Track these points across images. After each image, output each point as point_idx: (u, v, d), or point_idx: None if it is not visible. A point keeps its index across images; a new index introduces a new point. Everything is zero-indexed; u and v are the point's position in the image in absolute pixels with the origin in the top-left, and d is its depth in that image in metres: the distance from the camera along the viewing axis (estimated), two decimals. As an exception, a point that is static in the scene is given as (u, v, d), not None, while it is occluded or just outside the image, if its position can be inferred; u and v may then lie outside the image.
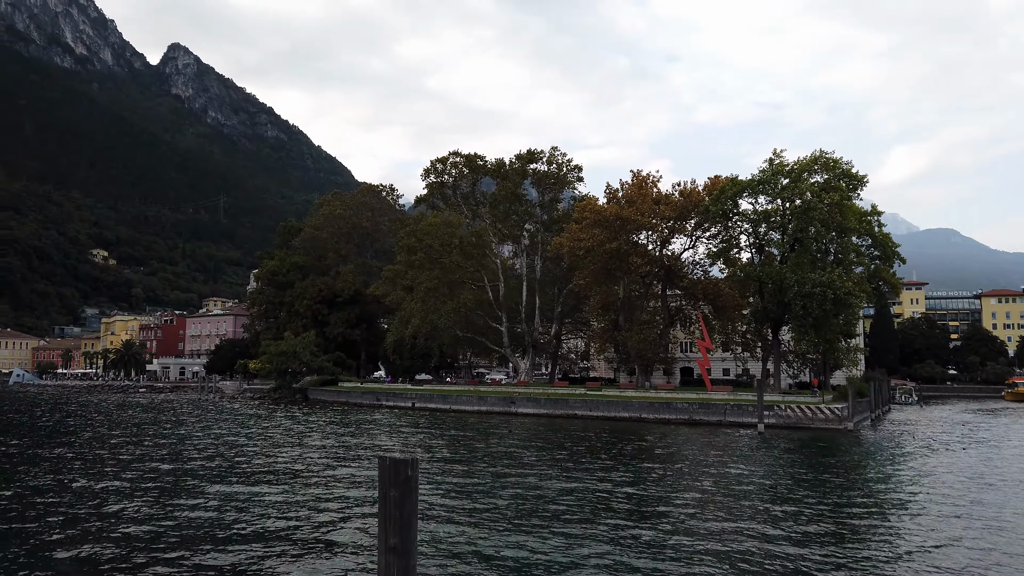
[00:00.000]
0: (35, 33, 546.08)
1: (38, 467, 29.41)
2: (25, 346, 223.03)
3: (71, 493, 23.13)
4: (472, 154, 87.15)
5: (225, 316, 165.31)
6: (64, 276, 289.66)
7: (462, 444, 38.41)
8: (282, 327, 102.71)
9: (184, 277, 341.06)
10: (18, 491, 23.54)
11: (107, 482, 25.38)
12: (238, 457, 32.57)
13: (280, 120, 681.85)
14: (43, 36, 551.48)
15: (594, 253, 65.69)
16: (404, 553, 4.64)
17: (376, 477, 15.12)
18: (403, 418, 57.27)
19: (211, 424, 51.82)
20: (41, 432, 46.51)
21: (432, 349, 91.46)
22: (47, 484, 25.01)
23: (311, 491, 23.36)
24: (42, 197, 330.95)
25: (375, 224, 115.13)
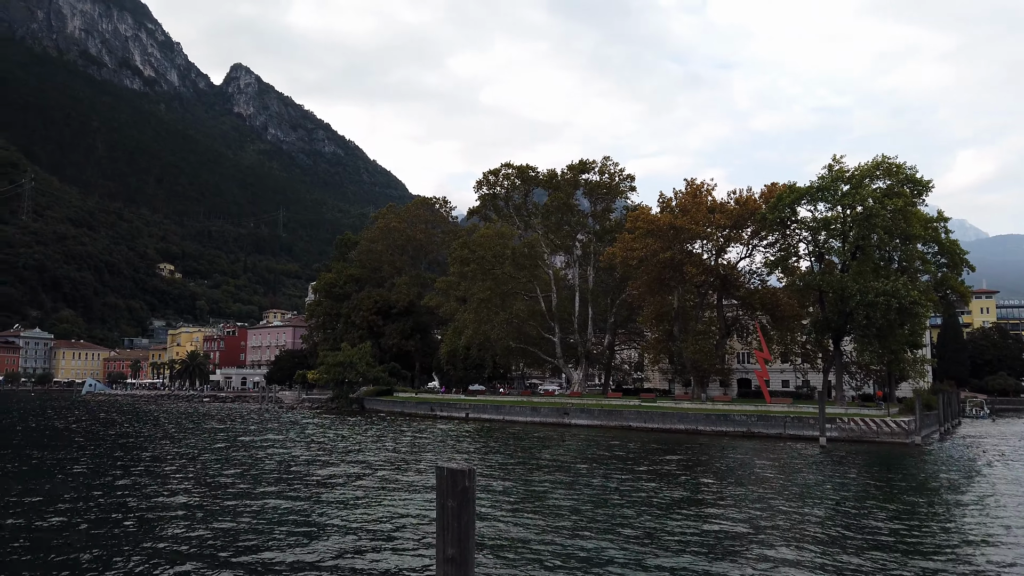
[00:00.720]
0: (107, 57, 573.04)
1: (114, 474, 30.65)
2: (97, 357, 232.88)
3: (144, 497, 24.05)
4: (524, 165, 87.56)
5: (284, 327, 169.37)
6: (133, 289, 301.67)
7: (517, 455, 38.41)
8: (339, 338, 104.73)
9: (245, 290, 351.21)
10: (97, 495, 24.59)
11: (176, 486, 26.28)
12: (297, 466, 33.29)
13: (337, 136, 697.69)
14: (114, 60, 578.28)
15: (647, 263, 65.09)
16: (462, 563, 4.66)
17: (433, 487, 15.24)
18: (457, 428, 57.61)
19: (272, 433, 53.11)
20: (117, 441, 48.43)
21: (485, 360, 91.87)
22: (122, 489, 26.05)
23: (369, 501, 23.67)
24: (113, 214, 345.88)
25: (429, 236, 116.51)
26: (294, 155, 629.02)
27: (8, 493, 24.81)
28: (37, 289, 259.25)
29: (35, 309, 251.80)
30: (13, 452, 39.71)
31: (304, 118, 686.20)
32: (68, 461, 35.23)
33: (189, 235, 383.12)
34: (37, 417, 75.50)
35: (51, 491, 25.47)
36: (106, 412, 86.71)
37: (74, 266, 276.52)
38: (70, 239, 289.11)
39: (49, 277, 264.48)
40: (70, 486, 26.77)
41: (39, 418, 73.68)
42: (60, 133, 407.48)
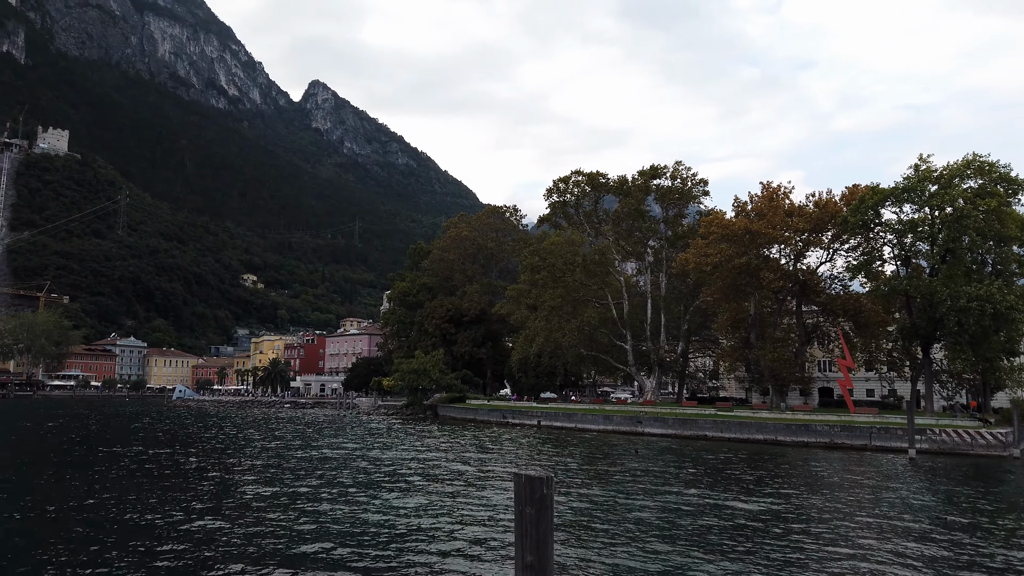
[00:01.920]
0: (194, 78, 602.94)
1: (205, 475, 32.14)
2: (186, 364, 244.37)
3: (234, 495, 25.14)
4: (594, 172, 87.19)
5: (360, 336, 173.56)
6: (219, 299, 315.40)
7: (590, 463, 38.21)
8: (413, 346, 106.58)
9: (323, 299, 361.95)
10: (191, 496, 25.86)
11: (261, 487, 27.35)
12: (377, 470, 34.05)
13: (409, 147, 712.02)
14: (201, 80, 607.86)
15: (722, 269, 63.72)
16: (541, 571, 4.69)
17: (510, 494, 15.20)
18: (529, 436, 57.71)
19: (351, 438, 54.52)
20: (208, 442, 50.74)
21: (556, 367, 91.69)
22: (214, 490, 27.31)
23: (447, 507, 23.95)
24: (201, 227, 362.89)
25: (499, 244, 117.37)
26: (369, 167, 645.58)
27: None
28: (131, 300, 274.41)
29: (130, 319, 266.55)
30: (143, 450, 42.15)
31: (378, 131, 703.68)
32: (181, 460, 37.15)
33: (271, 247, 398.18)
34: (148, 419, 79.84)
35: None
36: (199, 417, 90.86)
37: (165, 277, 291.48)
38: (161, 252, 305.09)
39: (143, 288, 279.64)
40: (187, 484, 28.23)
41: (152, 420, 77.89)
42: (152, 151, 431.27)
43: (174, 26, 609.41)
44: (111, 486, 28.32)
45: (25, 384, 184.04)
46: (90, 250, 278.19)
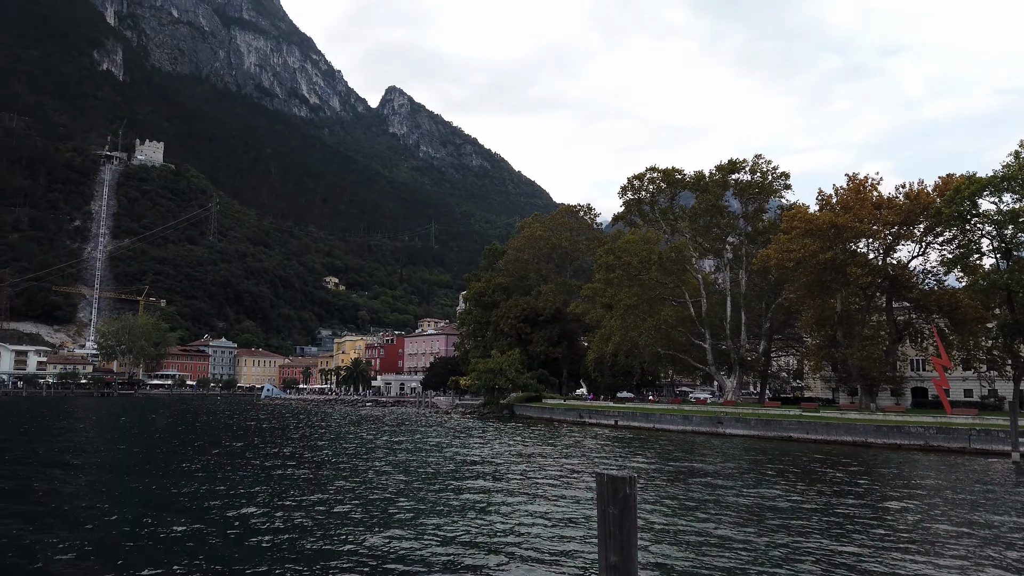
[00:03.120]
0: (278, 88, 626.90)
1: (292, 470, 33.50)
2: (273, 364, 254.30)
3: (325, 491, 26.13)
4: (670, 168, 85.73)
5: (438, 336, 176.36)
6: (303, 301, 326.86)
7: (671, 463, 37.69)
8: (489, 345, 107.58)
9: (402, 300, 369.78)
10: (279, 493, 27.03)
11: (346, 483, 28.31)
12: (460, 468, 34.63)
13: (483, 149, 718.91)
14: (284, 90, 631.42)
15: (806, 264, 61.58)
16: (624, 572, 4.69)
17: (590, 494, 15.31)
18: (607, 436, 57.37)
19: (435, 436, 55.58)
20: (299, 440, 52.80)
21: (633, 367, 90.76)
22: (300, 486, 28.45)
23: (528, 505, 24.07)
24: (285, 232, 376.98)
25: (574, 243, 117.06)
26: (444, 170, 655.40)
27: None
28: (222, 302, 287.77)
29: (221, 320, 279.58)
30: (245, 446, 44.42)
31: (453, 134, 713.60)
32: (299, 452, 38.91)
33: (351, 249, 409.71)
34: (251, 416, 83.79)
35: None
36: (293, 414, 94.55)
37: (253, 281, 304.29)
38: (249, 256, 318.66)
39: (232, 291, 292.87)
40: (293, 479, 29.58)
41: (256, 417, 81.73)
42: (240, 160, 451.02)
43: (258, 39, 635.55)
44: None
45: (127, 383, 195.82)
46: (184, 256, 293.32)
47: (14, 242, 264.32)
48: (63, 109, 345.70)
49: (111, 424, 71.66)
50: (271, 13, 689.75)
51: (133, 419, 79.68)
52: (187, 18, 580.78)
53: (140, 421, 76.79)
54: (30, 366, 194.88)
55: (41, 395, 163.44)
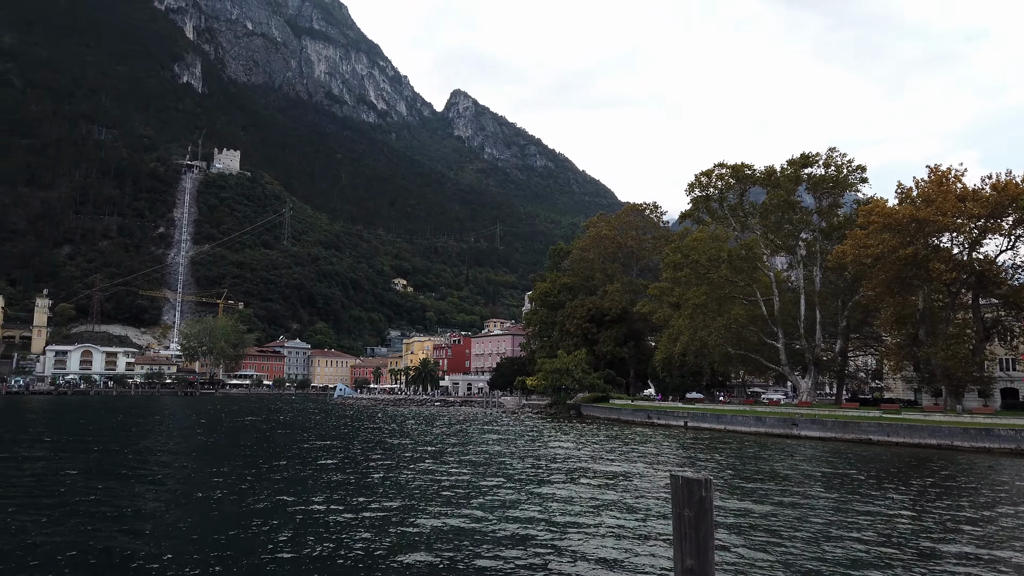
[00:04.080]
0: (347, 95, 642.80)
1: (373, 465, 34.34)
2: (345, 364, 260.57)
3: (403, 490, 26.73)
4: (739, 163, 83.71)
5: (504, 336, 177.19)
6: (373, 303, 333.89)
7: (745, 465, 36.86)
8: (555, 345, 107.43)
9: (468, 300, 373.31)
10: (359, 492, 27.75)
11: (416, 480, 28.85)
12: (530, 468, 34.76)
13: (548, 150, 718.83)
14: (352, 97, 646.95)
15: (884, 260, 59.17)
16: (701, 575, 4.62)
17: (662, 495, 15.15)
18: (676, 437, 56.51)
19: (504, 435, 55.96)
20: (381, 438, 54.09)
21: (702, 367, 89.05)
22: (381, 481, 29.16)
23: (601, 507, 23.93)
24: (355, 236, 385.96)
25: (640, 242, 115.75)
26: (508, 171, 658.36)
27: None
28: (296, 305, 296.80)
29: (295, 322, 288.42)
30: (340, 446, 45.96)
31: (517, 135, 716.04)
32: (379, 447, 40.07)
33: (418, 251, 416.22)
34: (332, 415, 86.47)
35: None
36: (367, 413, 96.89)
37: (325, 283, 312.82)
38: (321, 260, 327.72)
39: (306, 294, 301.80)
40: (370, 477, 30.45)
41: (337, 416, 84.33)
42: (311, 166, 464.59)
43: (328, 47, 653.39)
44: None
45: (208, 383, 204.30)
46: (260, 259, 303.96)
47: (104, 249, 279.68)
48: (147, 121, 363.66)
49: (212, 421, 74.94)
50: (340, 22, 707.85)
51: (227, 416, 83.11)
52: (260, 30, 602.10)
53: (235, 419, 80.00)
54: (119, 367, 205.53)
55: (129, 394, 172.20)
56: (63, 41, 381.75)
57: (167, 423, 72.43)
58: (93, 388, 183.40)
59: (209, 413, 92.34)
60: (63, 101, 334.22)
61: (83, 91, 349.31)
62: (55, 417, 79.80)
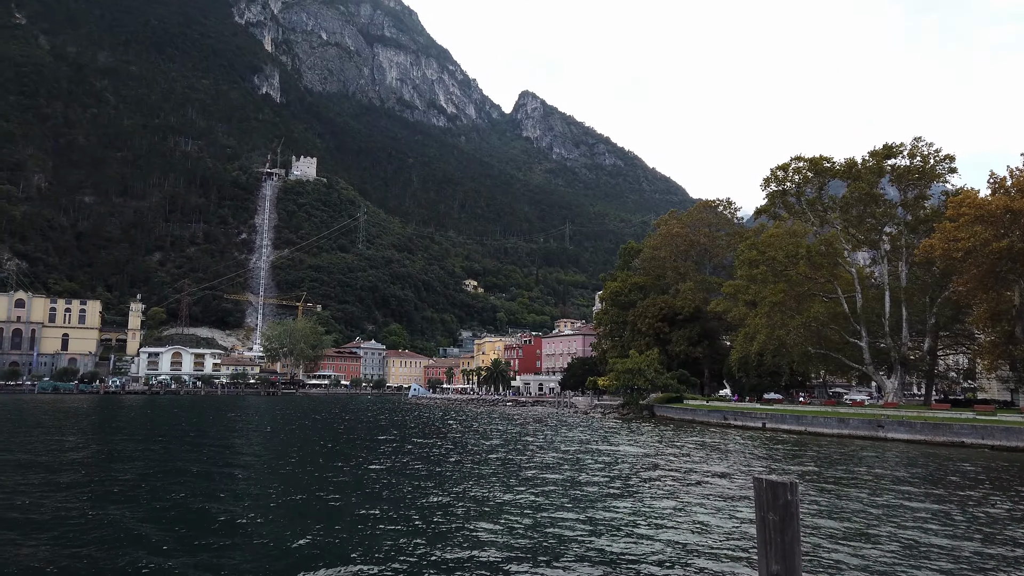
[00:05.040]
0: (417, 100, 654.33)
1: (455, 464, 34.97)
2: (418, 364, 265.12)
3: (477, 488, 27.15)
4: (817, 156, 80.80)
5: (574, 336, 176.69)
6: (445, 304, 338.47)
7: (830, 468, 35.67)
8: (626, 345, 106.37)
9: (538, 301, 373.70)
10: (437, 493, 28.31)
11: (506, 479, 29.19)
12: (609, 470, 34.65)
13: (616, 148, 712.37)
14: (423, 102, 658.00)
15: (977, 254, 56.10)
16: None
17: (744, 498, 14.88)
18: (754, 438, 55.13)
19: (579, 436, 55.92)
20: (462, 436, 55.03)
21: (781, 367, 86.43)
22: (466, 479, 29.70)
23: (680, 509, 23.67)
24: (427, 238, 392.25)
25: (713, 239, 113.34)
26: (577, 171, 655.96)
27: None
28: (371, 306, 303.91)
29: (370, 323, 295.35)
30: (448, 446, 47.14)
31: (585, 134, 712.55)
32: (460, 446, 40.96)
33: (488, 253, 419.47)
34: (420, 415, 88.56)
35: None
36: (442, 412, 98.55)
37: (398, 286, 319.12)
38: (395, 262, 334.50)
39: (380, 296, 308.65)
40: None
41: (419, 416, 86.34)
42: (384, 170, 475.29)
43: (399, 54, 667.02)
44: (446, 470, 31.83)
45: (289, 383, 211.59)
46: (336, 263, 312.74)
47: (191, 255, 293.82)
48: (230, 132, 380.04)
49: (300, 420, 77.81)
50: (410, 28, 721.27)
51: (313, 415, 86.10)
52: (334, 40, 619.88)
53: (325, 417, 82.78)
54: (207, 367, 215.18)
55: (216, 394, 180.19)
56: (153, 58, 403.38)
57: (263, 421, 75.46)
58: (183, 388, 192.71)
59: (302, 412, 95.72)
60: (153, 115, 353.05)
61: (171, 104, 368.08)
62: (167, 414, 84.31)
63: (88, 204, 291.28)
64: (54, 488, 26.73)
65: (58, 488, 26.79)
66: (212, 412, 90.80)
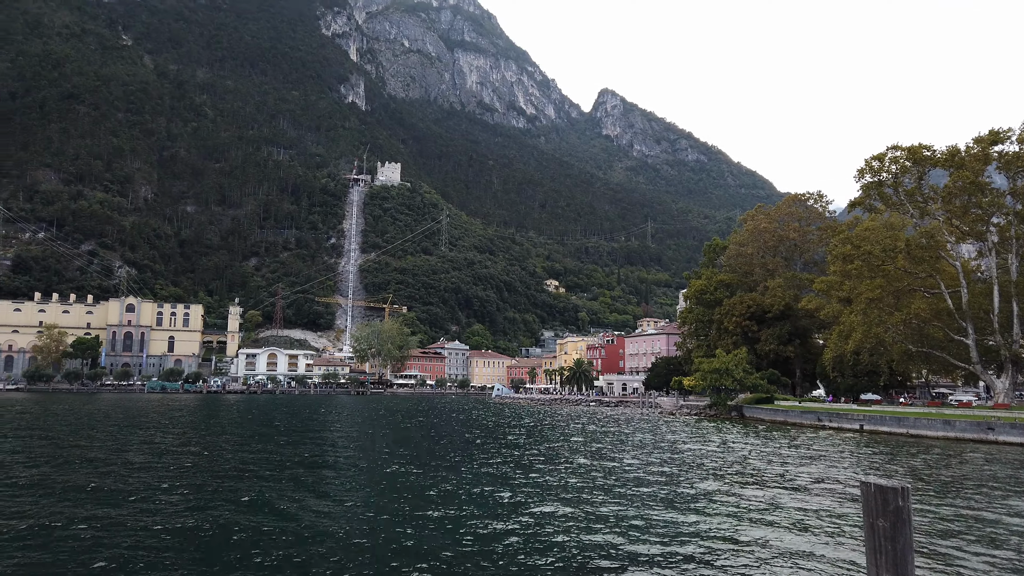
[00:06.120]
0: (497, 103, 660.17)
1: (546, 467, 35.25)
2: (501, 364, 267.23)
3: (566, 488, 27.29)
4: (915, 145, 76.67)
5: (658, 335, 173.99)
6: (526, 304, 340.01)
7: (937, 471, 33.87)
8: (712, 345, 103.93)
9: (620, 300, 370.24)
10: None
11: (606, 481, 29.23)
12: (696, 471, 34.10)
13: (699, 143, 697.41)
14: (503, 104, 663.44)
15: (1100, 245, 51.89)
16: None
17: (848, 501, 14.42)
18: (852, 441, 52.84)
19: (667, 436, 55.19)
20: (555, 437, 55.41)
21: (879, 366, 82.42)
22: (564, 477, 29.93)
23: (781, 514, 23.08)
24: (508, 239, 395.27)
25: (803, 234, 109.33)
26: (658, 167, 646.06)
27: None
28: (454, 307, 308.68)
29: (454, 324, 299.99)
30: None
31: (667, 130, 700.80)
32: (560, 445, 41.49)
33: (569, 252, 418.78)
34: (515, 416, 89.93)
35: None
36: (526, 413, 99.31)
37: (480, 287, 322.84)
38: (477, 264, 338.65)
39: (463, 297, 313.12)
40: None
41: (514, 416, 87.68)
42: (465, 173, 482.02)
43: (479, 58, 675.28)
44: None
45: (378, 383, 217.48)
46: (420, 265, 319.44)
47: (284, 260, 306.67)
48: (318, 140, 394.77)
49: (396, 419, 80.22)
50: (489, 32, 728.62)
51: (406, 414, 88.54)
52: (416, 47, 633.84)
53: (423, 417, 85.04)
54: (300, 368, 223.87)
55: (309, 393, 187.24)
56: (247, 72, 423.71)
57: (359, 419, 78.10)
58: (278, 388, 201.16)
59: (397, 411, 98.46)
60: (247, 126, 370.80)
61: (264, 116, 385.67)
62: (272, 412, 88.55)
63: (190, 213, 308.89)
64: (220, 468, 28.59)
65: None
66: (315, 410, 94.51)
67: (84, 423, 61.61)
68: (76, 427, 56.87)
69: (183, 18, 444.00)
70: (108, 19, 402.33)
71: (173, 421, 67.19)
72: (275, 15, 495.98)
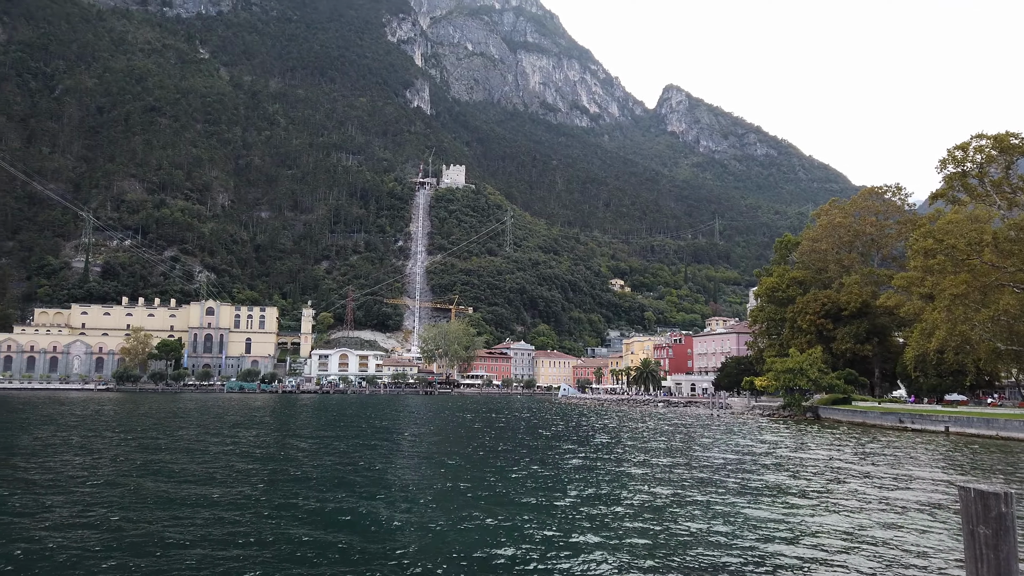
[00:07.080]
0: (560, 103, 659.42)
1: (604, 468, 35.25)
2: (567, 365, 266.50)
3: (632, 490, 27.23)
4: (1002, 133, 72.67)
5: (728, 335, 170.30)
6: (592, 304, 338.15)
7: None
8: (785, 344, 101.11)
9: (687, 299, 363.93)
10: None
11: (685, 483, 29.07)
12: (778, 473, 33.44)
13: (768, 137, 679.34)
14: (566, 104, 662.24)
15: None
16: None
17: (942, 507, 14.05)
18: (937, 443, 50.65)
19: (739, 439, 54.20)
20: (627, 440, 55.34)
21: (965, 365, 78.48)
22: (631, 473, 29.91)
23: (871, 518, 22.40)
24: (572, 239, 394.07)
25: (880, 229, 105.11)
26: (726, 163, 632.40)
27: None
28: (519, 308, 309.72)
29: (519, 325, 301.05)
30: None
31: (734, 125, 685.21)
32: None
33: (634, 251, 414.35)
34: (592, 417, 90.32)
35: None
36: (595, 414, 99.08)
37: (545, 287, 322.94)
38: (541, 264, 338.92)
39: (527, 297, 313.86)
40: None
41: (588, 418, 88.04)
42: (528, 174, 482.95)
43: (541, 58, 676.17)
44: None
45: (445, 383, 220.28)
46: (485, 266, 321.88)
47: (354, 263, 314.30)
48: (385, 145, 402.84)
49: (469, 420, 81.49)
50: (552, 32, 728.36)
51: (479, 414, 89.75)
52: (480, 49, 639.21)
53: (503, 417, 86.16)
54: (370, 368, 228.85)
55: (379, 393, 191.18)
56: (316, 80, 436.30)
57: (431, 418, 79.56)
58: (349, 388, 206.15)
59: (464, 411, 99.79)
60: (317, 133, 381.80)
61: (333, 123, 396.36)
62: (350, 411, 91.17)
63: (264, 219, 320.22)
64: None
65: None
66: (393, 409, 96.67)
67: (194, 420, 64.87)
68: (197, 424, 59.91)
69: (256, 31, 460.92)
70: (186, 34, 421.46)
71: (264, 422, 69.87)
72: (343, 24, 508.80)
